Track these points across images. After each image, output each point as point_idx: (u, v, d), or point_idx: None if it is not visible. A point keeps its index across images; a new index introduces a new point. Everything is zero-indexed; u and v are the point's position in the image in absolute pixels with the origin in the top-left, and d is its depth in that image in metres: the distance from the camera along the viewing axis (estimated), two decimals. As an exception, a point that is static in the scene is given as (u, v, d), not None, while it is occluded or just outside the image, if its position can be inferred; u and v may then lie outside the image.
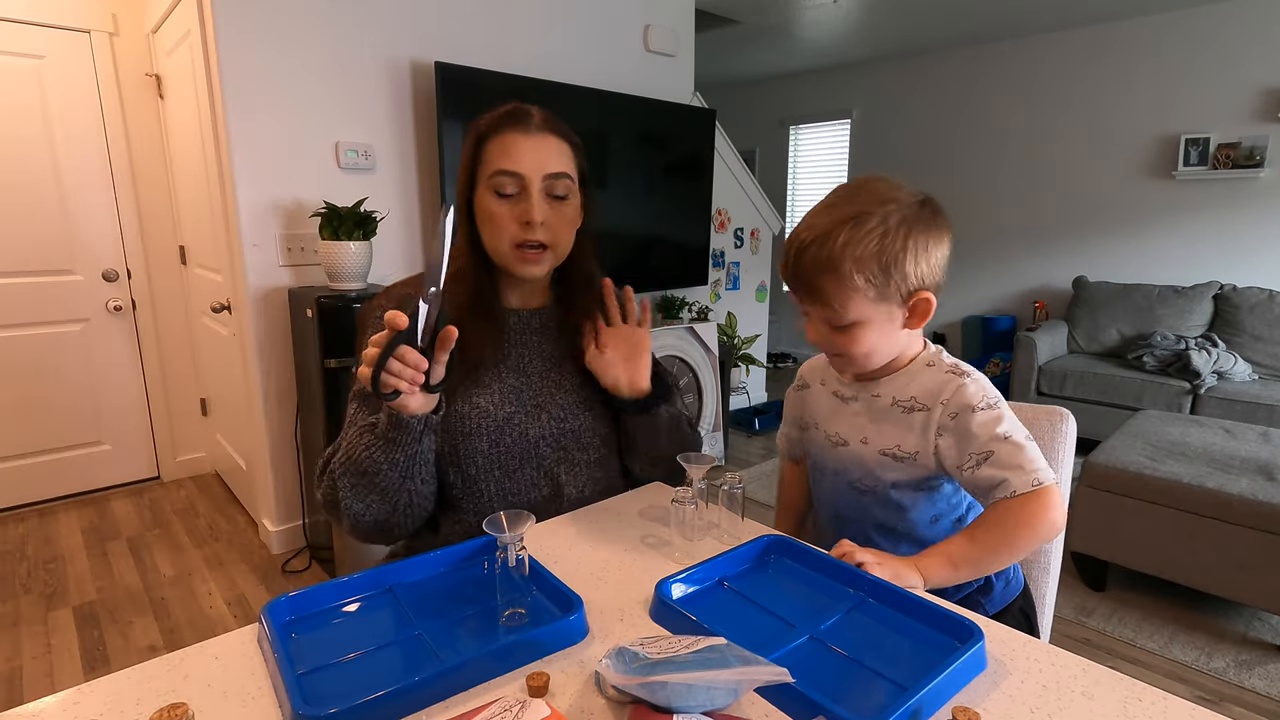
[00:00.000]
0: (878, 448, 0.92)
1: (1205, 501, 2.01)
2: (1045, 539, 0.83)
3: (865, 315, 0.85)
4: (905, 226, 0.82)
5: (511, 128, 0.94)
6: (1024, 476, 0.81)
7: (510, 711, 0.53)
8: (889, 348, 0.89)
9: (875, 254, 0.81)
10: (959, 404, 0.86)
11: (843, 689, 0.61)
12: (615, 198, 3.06)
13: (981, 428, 0.84)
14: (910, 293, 0.84)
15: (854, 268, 0.81)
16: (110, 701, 0.59)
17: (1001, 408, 0.86)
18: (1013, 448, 0.83)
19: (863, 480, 0.95)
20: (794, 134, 5.64)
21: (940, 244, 0.85)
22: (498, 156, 0.93)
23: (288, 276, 2.35)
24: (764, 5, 3.76)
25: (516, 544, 0.69)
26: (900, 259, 0.82)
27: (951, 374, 0.89)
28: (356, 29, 2.36)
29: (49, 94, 2.67)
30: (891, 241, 0.81)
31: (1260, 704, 1.76)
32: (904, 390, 0.91)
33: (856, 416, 0.95)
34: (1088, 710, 0.58)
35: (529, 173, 0.93)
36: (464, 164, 0.97)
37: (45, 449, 2.85)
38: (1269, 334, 3.49)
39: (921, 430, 0.89)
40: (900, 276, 0.82)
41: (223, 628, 2.04)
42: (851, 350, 0.88)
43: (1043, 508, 0.81)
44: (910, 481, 0.91)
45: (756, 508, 2.78)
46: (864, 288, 0.83)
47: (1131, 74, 4.00)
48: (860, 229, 0.81)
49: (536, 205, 0.93)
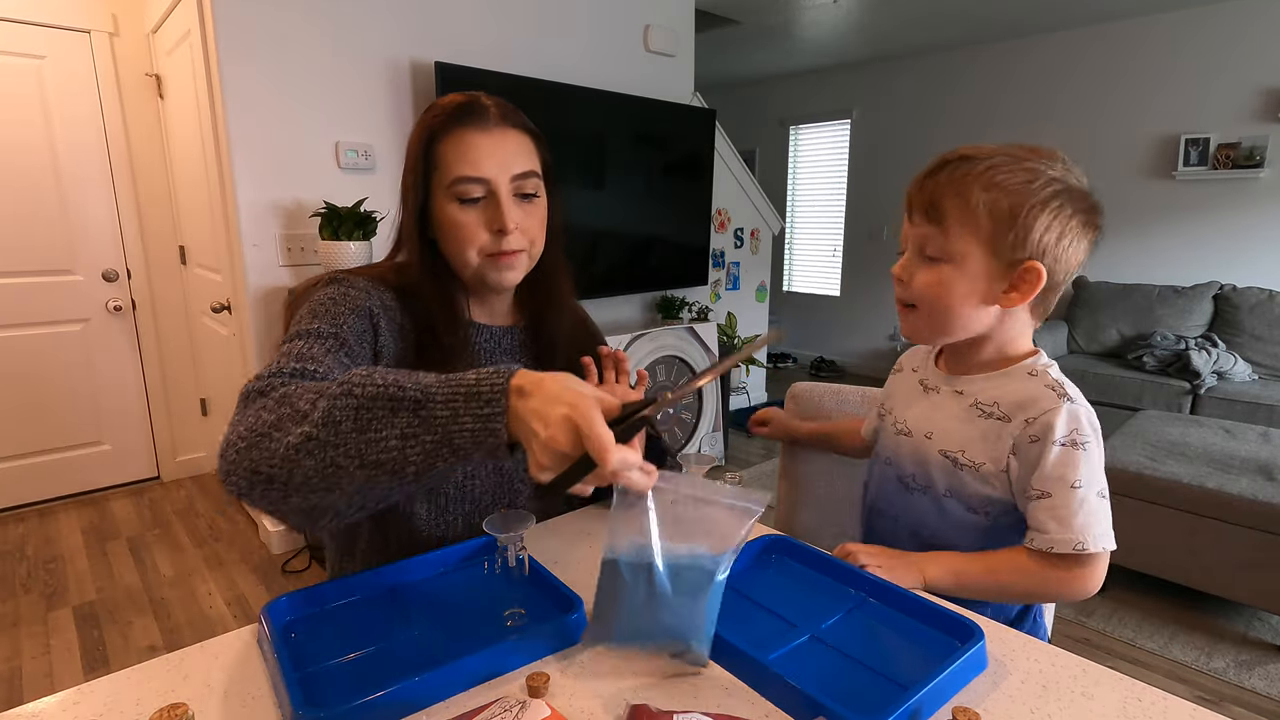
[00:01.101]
0: (940, 447, 0.84)
1: (1205, 501, 2.01)
2: (1067, 600, 0.77)
3: (966, 253, 0.75)
4: (1055, 188, 0.74)
5: (467, 125, 0.83)
6: (1067, 536, 0.74)
7: (510, 711, 0.53)
8: (970, 317, 0.78)
9: (1012, 192, 0.73)
10: (1044, 426, 0.76)
11: (843, 689, 0.60)
12: (615, 198, 3.06)
13: (1055, 464, 0.75)
14: (1023, 258, 0.74)
15: (984, 196, 0.73)
16: (110, 701, 0.59)
17: (1088, 450, 0.75)
18: (1074, 500, 0.74)
19: (915, 478, 0.87)
20: (794, 134, 5.64)
21: (1080, 238, 0.76)
22: (456, 161, 0.82)
23: (288, 276, 2.35)
24: (764, 5, 3.76)
25: (516, 544, 0.69)
26: (1034, 213, 0.73)
27: (1050, 390, 0.77)
28: (356, 29, 2.36)
29: (49, 94, 2.67)
30: (1038, 190, 0.73)
31: (1260, 704, 1.76)
32: (989, 392, 0.81)
33: (930, 408, 0.86)
34: (1088, 710, 0.58)
35: (495, 175, 0.83)
36: (413, 167, 0.85)
37: (45, 449, 2.85)
38: (1269, 334, 3.49)
39: (994, 441, 0.79)
40: (1023, 230, 0.73)
41: (223, 628, 2.04)
42: (932, 297, 0.77)
43: (1077, 575, 0.75)
44: (966, 497, 0.82)
45: (756, 508, 2.77)
46: (983, 223, 0.74)
47: (1131, 74, 4.00)
48: (1015, 164, 0.74)
49: (509, 211, 0.83)
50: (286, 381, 0.66)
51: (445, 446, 0.56)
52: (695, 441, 3.33)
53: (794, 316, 5.84)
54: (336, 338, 0.76)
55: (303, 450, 0.58)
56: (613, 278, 3.14)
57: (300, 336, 0.75)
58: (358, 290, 0.84)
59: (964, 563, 0.80)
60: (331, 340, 0.76)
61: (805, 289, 5.78)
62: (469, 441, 0.55)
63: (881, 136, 5.11)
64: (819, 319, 5.67)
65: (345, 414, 0.57)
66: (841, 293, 5.50)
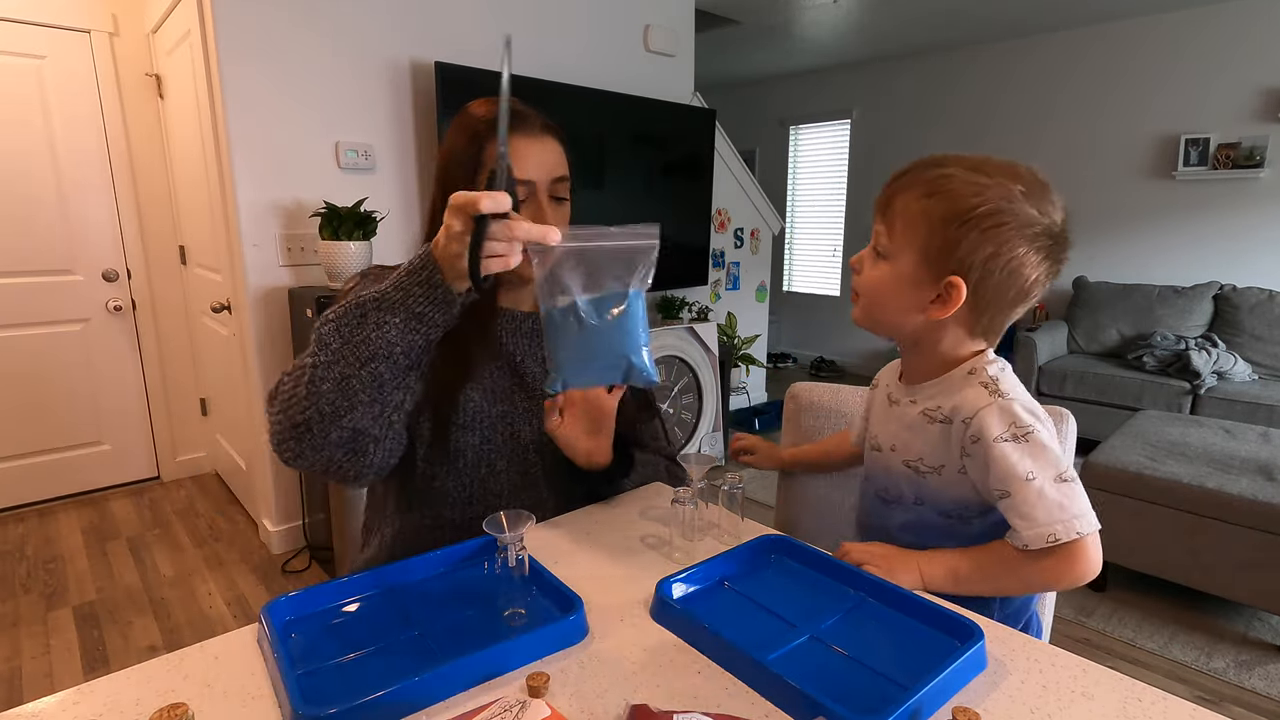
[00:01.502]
0: (902, 458, 0.86)
1: (1205, 501, 2.01)
2: (1068, 588, 0.76)
3: (900, 253, 0.77)
4: (996, 207, 0.72)
5: (515, 131, 0.91)
6: (1036, 531, 0.73)
7: (510, 711, 0.53)
8: (896, 317, 0.80)
9: (951, 202, 0.73)
10: (978, 428, 0.76)
11: (843, 689, 0.60)
12: (615, 198, 3.06)
13: (1000, 461, 0.75)
14: (949, 270, 0.74)
15: (926, 202, 0.74)
16: (110, 701, 0.59)
17: (1032, 439, 0.74)
18: (1031, 494, 0.73)
19: (889, 490, 0.89)
20: (794, 134, 5.64)
21: (1021, 266, 0.74)
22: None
23: (288, 276, 2.35)
24: (764, 5, 3.76)
25: (516, 544, 0.69)
26: (965, 230, 0.72)
27: (983, 388, 0.78)
28: (356, 29, 2.36)
29: (49, 94, 2.67)
30: (972, 209, 0.72)
31: (1260, 704, 1.76)
32: (936, 398, 0.82)
33: (892, 421, 0.89)
34: (1088, 710, 0.58)
35: (539, 178, 0.93)
36: (460, 162, 0.92)
37: (45, 449, 2.85)
38: (1269, 334, 3.50)
39: (944, 445, 0.81)
40: (950, 244, 0.73)
41: (223, 628, 2.04)
42: (868, 287, 0.81)
43: (1063, 563, 0.73)
44: (936, 502, 0.84)
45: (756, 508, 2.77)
46: (920, 228, 0.75)
47: (1132, 74, 4.00)
48: (965, 177, 0.73)
49: (549, 212, 0.93)
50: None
51: (411, 318, 0.71)
52: (695, 441, 3.33)
53: (794, 316, 5.84)
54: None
55: (315, 380, 0.72)
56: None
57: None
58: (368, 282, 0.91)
59: (960, 560, 0.80)
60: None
61: (805, 289, 5.79)
62: (424, 302, 0.70)
63: (881, 136, 5.11)
64: (819, 319, 5.67)
65: (330, 336, 0.72)
66: (842, 293, 5.50)
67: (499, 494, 0.97)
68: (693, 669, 0.63)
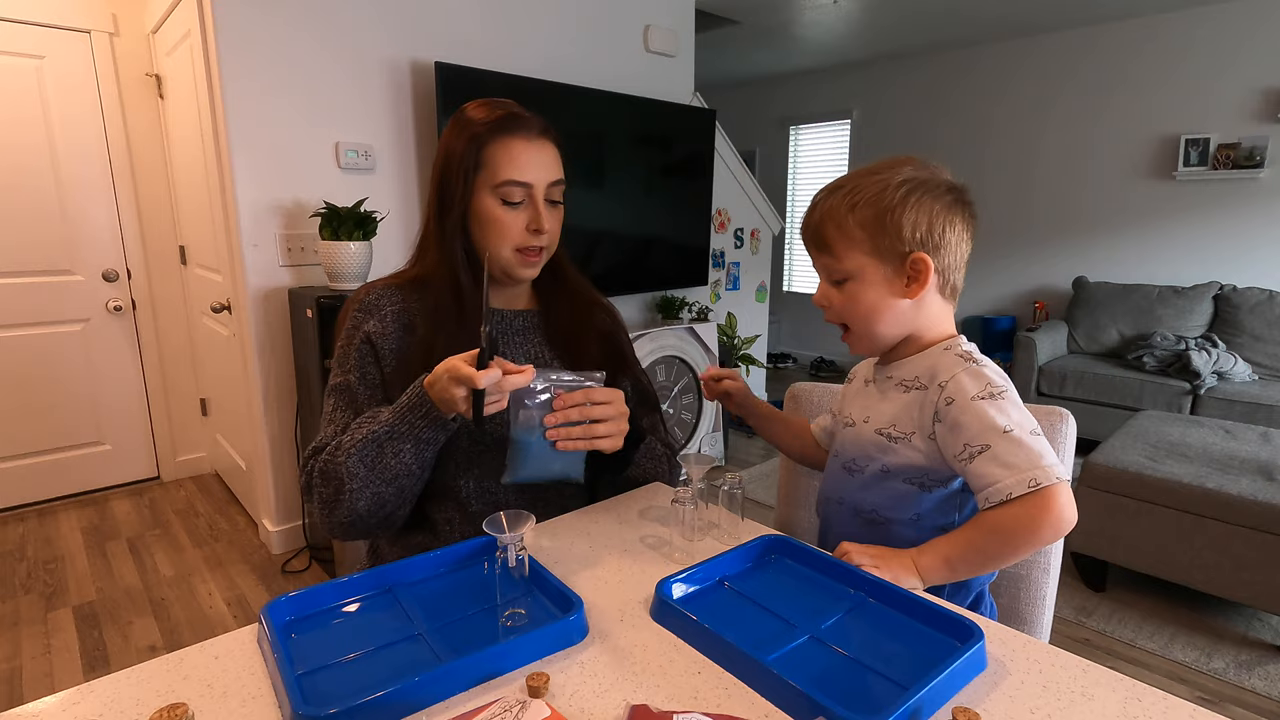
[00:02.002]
0: (874, 426, 0.90)
1: (1205, 501, 2.01)
2: (1049, 540, 0.79)
3: (861, 268, 0.84)
4: (909, 185, 0.82)
5: (515, 133, 0.93)
6: (1019, 476, 0.77)
7: (510, 711, 0.53)
8: (891, 319, 0.86)
9: (872, 201, 0.82)
10: (955, 389, 0.82)
11: (843, 689, 0.61)
12: (615, 198, 3.06)
13: (977, 417, 0.80)
14: (906, 253, 0.83)
15: (852, 215, 0.83)
16: (110, 701, 0.59)
17: (1006, 399, 0.81)
18: (1011, 443, 0.78)
19: (856, 460, 0.93)
20: (794, 134, 5.64)
21: (950, 221, 0.83)
22: (505, 165, 0.93)
23: (288, 276, 2.35)
24: (764, 5, 3.76)
25: (516, 544, 0.69)
26: (896, 212, 0.81)
27: (959, 359, 0.85)
28: (356, 29, 2.36)
29: (49, 94, 2.67)
30: (891, 194, 0.82)
31: (1260, 704, 1.76)
32: (911, 370, 0.89)
33: (867, 398, 0.94)
34: (1088, 710, 0.58)
35: (536, 181, 0.94)
36: (460, 165, 0.94)
37: (45, 449, 2.85)
38: (1269, 334, 3.50)
39: (918, 410, 0.86)
40: (895, 230, 0.82)
41: (223, 628, 2.04)
42: (851, 312, 0.87)
43: (1042, 510, 0.76)
44: (902, 469, 0.88)
45: (756, 508, 2.78)
46: (859, 236, 0.83)
47: (1131, 74, 4.00)
48: (867, 180, 0.83)
49: (545, 215, 0.95)
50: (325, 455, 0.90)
51: (420, 443, 0.85)
52: (695, 441, 3.33)
53: (794, 316, 5.84)
54: (349, 389, 0.96)
55: (352, 500, 0.87)
56: (613, 278, 3.14)
57: (331, 393, 0.98)
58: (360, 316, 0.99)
59: (947, 545, 0.82)
60: (346, 394, 0.96)
61: (805, 289, 5.79)
62: (427, 431, 0.85)
63: (881, 136, 5.11)
64: (819, 319, 5.65)
65: (355, 466, 0.86)
66: (841, 293, 5.50)
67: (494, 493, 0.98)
68: (693, 669, 0.63)
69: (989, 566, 0.83)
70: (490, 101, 0.97)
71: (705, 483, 0.88)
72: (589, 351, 1.05)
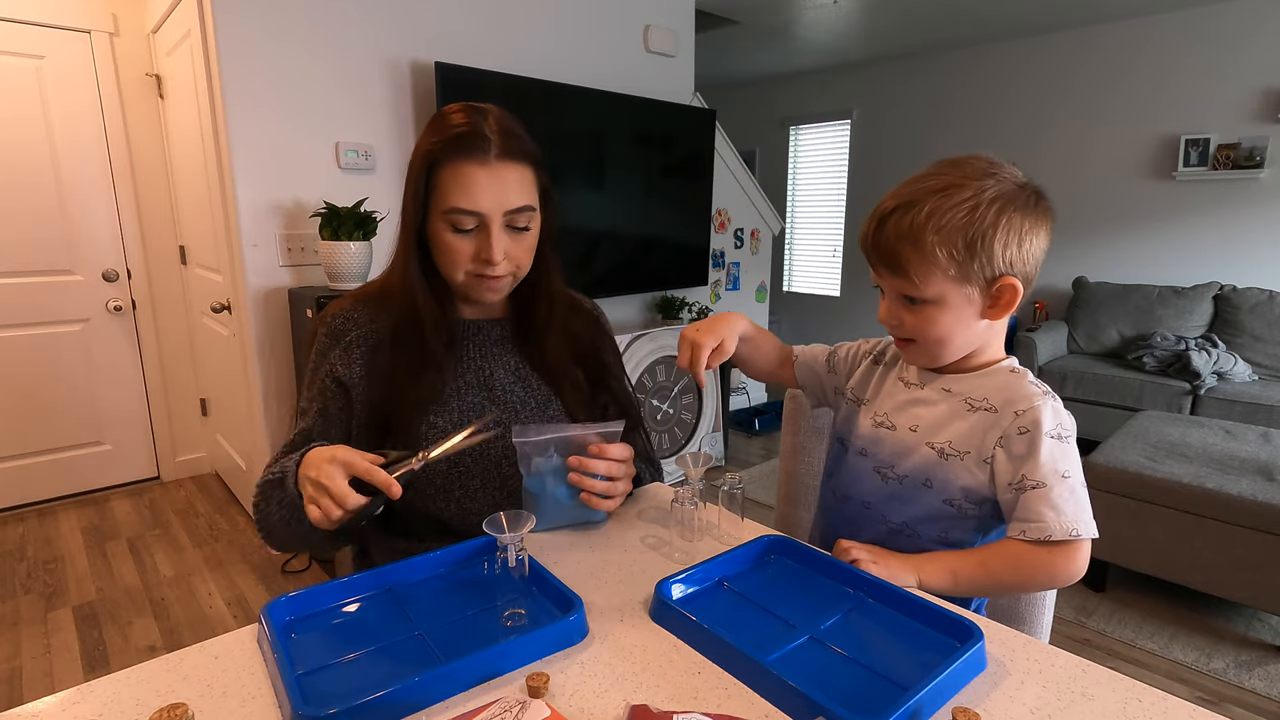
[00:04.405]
0: (926, 439, 0.86)
1: (1205, 502, 2.01)
2: (1056, 587, 0.80)
3: (943, 294, 0.79)
4: (999, 204, 0.76)
5: (466, 157, 0.85)
6: (1063, 523, 0.76)
7: (510, 711, 0.53)
8: (964, 338, 0.83)
9: (962, 227, 0.76)
10: (1033, 420, 0.79)
11: (843, 689, 0.61)
12: (615, 198, 3.06)
13: (1049, 456, 0.78)
14: (995, 277, 0.78)
15: (937, 240, 0.76)
16: (110, 701, 0.59)
17: (1069, 443, 0.80)
18: (1066, 489, 0.78)
19: (894, 468, 0.89)
20: (794, 134, 5.64)
21: (1037, 233, 0.79)
22: (453, 191, 0.85)
23: (288, 276, 2.35)
24: (764, 5, 3.76)
25: (516, 544, 0.69)
26: (988, 237, 0.76)
27: (1034, 387, 0.82)
28: (356, 29, 2.36)
29: (49, 94, 2.67)
30: (981, 217, 0.76)
31: (1260, 704, 1.76)
32: (978, 390, 0.85)
33: (916, 405, 0.89)
34: (1088, 710, 0.58)
35: (488, 210, 0.86)
36: (412, 188, 0.89)
37: (45, 449, 2.85)
38: (1269, 334, 3.49)
39: (982, 431, 0.83)
40: (986, 257, 0.76)
41: (223, 628, 2.04)
42: (925, 333, 0.82)
43: (1069, 560, 0.77)
44: (945, 487, 0.85)
45: (756, 508, 2.78)
46: (945, 263, 0.77)
47: (1131, 74, 4.00)
48: (949, 200, 0.76)
49: (496, 244, 0.87)
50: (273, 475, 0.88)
51: (294, 508, 0.80)
52: (695, 441, 3.33)
53: (794, 316, 5.84)
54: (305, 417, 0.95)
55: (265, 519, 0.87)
56: (613, 278, 3.13)
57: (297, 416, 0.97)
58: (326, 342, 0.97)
59: (958, 561, 0.81)
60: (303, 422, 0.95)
61: (805, 289, 5.79)
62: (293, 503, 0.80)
63: (881, 136, 5.11)
64: (819, 319, 5.67)
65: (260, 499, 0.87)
66: (841, 293, 5.50)
67: (478, 512, 0.94)
68: (692, 669, 0.63)
69: (992, 591, 0.83)
70: (465, 109, 0.89)
71: (705, 483, 0.88)
72: (563, 363, 1.01)
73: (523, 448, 0.86)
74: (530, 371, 1.01)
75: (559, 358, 1.01)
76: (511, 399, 0.98)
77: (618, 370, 1.10)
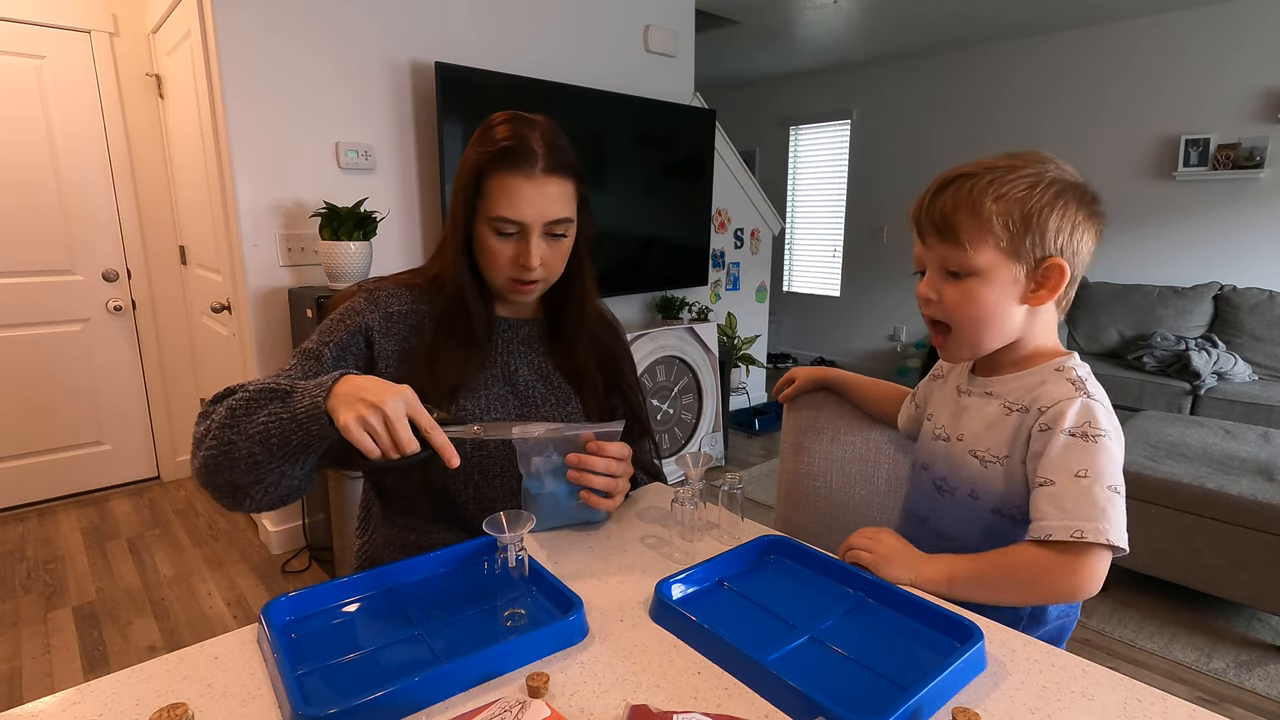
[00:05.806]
0: (970, 448, 0.85)
1: (1205, 502, 2.01)
2: (1063, 600, 0.75)
3: (991, 266, 0.77)
4: (1058, 187, 0.77)
5: (513, 170, 0.90)
6: (1066, 521, 0.72)
7: (510, 711, 0.53)
8: (1003, 323, 0.80)
9: (1020, 199, 0.76)
10: (1054, 416, 0.77)
11: (843, 689, 0.61)
12: (615, 198, 3.06)
13: (1061, 452, 0.75)
14: (1043, 258, 0.77)
15: (995, 209, 0.76)
16: (110, 701, 0.59)
17: (1099, 444, 0.75)
18: (1076, 488, 0.73)
19: (947, 480, 0.88)
20: (794, 134, 5.63)
21: (1089, 228, 0.79)
22: (499, 201, 0.91)
23: (288, 276, 2.35)
24: (764, 5, 3.76)
25: (516, 544, 0.69)
26: (1044, 214, 0.76)
27: (1070, 384, 0.78)
28: (356, 29, 2.36)
29: (49, 94, 2.67)
30: (1041, 194, 0.76)
31: (1260, 704, 1.76)
32: (1017, 390, 0.82)
33: (963, 411, 0.88)
34: (1088, 710, 0.58)
35: (530, 220, 0.91)
36: (462, 193, 0.94)
37: (45, 449, 2.85)
38: (1269, 334, 3.49)
39: (1014, 432, 0.81)
40: (1039, 234, 0.76)
41: (223, 628, 2.04)
42: (964, 311, 0.80)
43: (1072, 565, 0.72)
44: (991, 496, 0.83)
45: (756, 508, 2.78)
46: (1000, 233, 0.76)
47: (1132, 74, 4.00)
48: (1011, 174, 0.78)
49: (535, 251, 0.92)
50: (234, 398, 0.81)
51: (293, 421, 0.74)
52: (695, 441, 3.33)
53: (794, 316, 5.84)
54: (317, 356, 0.92)
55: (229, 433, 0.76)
56: (613, 278, 3.13)
57: (296, 354, 0.93)
58: (365, 304, 0.97)
59: (958, 562, 0.78)
60: (312, 360, 0.91)
61: (805, 289, 5.78)
62: (305, 415, 0.73)
63: (881, 137, 5.11)
64: (819, 319, 5.67)
65: (241, 405, 0.77)
66: (841, 293, 5.50)
67: (494, 499, 0.98)
68: (692, 669, 0.63)
69: (988, 599, 0.77)
70: (512, 120, 0.94)
71: (705, 483, 0.88)
72: (588, 367, 1.05)
73: (522, 447, 0.87)
74: (553, 370, 1.04)
75: (585, 361, 1.05)
76: (533, 394, 1.01)
77: (633, 379, 1.14)
